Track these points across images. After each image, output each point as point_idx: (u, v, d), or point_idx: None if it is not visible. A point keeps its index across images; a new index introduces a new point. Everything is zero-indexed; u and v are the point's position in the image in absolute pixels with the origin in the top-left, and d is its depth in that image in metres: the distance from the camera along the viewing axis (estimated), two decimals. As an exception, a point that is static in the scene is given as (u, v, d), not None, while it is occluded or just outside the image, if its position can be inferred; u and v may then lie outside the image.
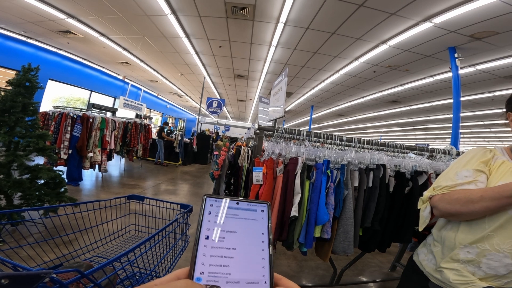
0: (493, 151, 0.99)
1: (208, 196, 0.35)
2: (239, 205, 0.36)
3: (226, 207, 0.35)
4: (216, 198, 0.35)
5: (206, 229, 0.33)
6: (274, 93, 2.42)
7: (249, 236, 0.33)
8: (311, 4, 4.29)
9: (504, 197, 0.79)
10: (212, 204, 0.35)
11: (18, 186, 2.41)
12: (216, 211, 0.34)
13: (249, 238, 0.33)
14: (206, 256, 0.30)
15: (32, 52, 8.02)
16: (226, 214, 0.35)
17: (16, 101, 2.50)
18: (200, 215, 0.33)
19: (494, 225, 0.84)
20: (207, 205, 0.34)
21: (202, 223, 0.33)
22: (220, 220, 0.34)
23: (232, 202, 0.36)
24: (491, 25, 4.12)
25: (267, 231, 0.34)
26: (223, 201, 0.36)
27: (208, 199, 0.35)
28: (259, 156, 1.81)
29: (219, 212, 0.34)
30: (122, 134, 5.72)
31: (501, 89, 6.93)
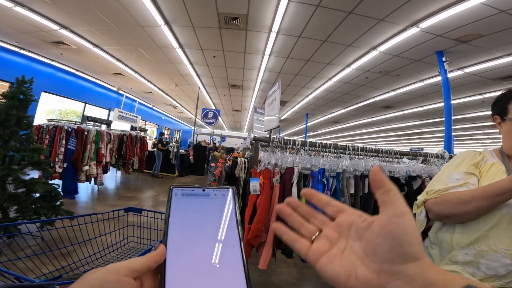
0: (482, 154, 1.02)
1: (175, 187, 0.36)
2: (205, 192, 0.36)
3: (193, 197, 0.36)
4: (183, 188, 0.36)
5: (174, 225, 0.33)
6: (269, 104, 2.45)
7: (218, 223, 0.34)
8: (302, 12, 4.40)
9: (494, 195, 0.80)
10: (177, 194, 0.36)
11: (14, 200, 2.41)
12: (183, 202, 0.35)
13: (218, 225, 0.34)
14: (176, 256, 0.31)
15: (25, 63, 7.96)
16: (193, 203, 0.35)
17: (10, 115, 2.51)
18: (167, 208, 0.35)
19: (488, 225, 0.85)
20: (173, 196, 0.36)
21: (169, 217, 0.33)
22: (188, 211, 0.35)
23: (198, 191, 0.36)
24: (476, 27, 4.26)
25: (234, 213, 0.35)
26: (189, 191, 0.36)
27: (175, 189, 0.36)
28: (255, 166, 1.85)
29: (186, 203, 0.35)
30: (117, 146, 5.69)
31: (490, 91, 7.10)
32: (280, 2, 4.11)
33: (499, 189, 0.79)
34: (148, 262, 0.28)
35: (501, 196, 0.80)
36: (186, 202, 0.35)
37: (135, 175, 7.54)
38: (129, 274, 0.26)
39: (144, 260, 0.28)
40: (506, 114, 0.97)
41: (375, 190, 0.27)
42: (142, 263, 0.28)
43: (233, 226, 0.34)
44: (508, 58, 5.11)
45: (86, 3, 4.67)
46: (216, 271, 0.30)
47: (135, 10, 4.79)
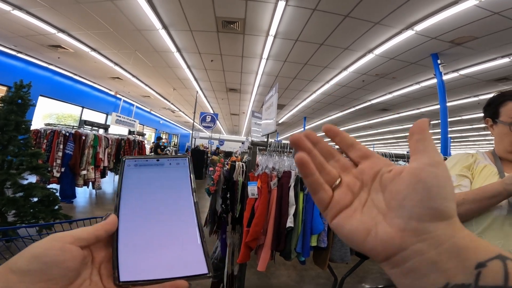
0: (475, 156, 1.04)
1: (127, 158, 0.35)
2: (159, 162, 0.35)
3: (146, 167, 0.35)
4: (136, 159, 0.35)
5: (126, 197, 0.32)
6: (266, 108, 2.48)
7: (173, 192, 0.33)
8: (299, 16, 4.44)
9: (485, 198, 0.82)
10: (129, 165, 0.35)
11: (12, 204, 2.44)
12: (135, 173, 0.34)
13: (173, 194, 0.33)
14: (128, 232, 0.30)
15: (23, 67, 7.94)
16: (147, 173, 0.34)
17: (9, 119, 2.53)
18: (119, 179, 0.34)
19: (482, 227, 0.86)
20: (125, 167, 0.34)
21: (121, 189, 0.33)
22: (142, 182, 0.34)
23: (152, 161, 0.35)
24: (470, 30, 4.33)
25: (189, 181, 0.34)
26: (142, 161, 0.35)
27: (127, 161, 0.35)
28: (253, 170, 1.88)
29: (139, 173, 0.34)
30: (115, 151, 5.68)
31: (485, 93, 7.18)
32: (277, 6, 4.15)
33: (490, 192, 0.81)
34: (96, 231, 0.27)
35: (492, 199, 0.81)
36: (140, 172, 0.34)
37: (133, 179, 7.49)
38: (74, 242, 0.25)
39: (92, 229, 0.27)
40: (498, 117, 0.99)
41: (411, 136, 0.23)
42: (89, 231, 0.27)
43: (187, 194, 0.33)
44: (502, 60, 5.18)
45: (84, 7, 4.68)
46: (171, 241, 0.29)
47: (133, 14, 4.82)
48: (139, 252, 0.28)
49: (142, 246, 0.28)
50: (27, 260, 0.23)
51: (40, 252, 0.23)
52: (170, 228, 0.30)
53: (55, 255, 0.23)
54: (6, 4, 4.82)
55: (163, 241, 0.29)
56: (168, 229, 0.30)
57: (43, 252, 0.23)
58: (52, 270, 0.23)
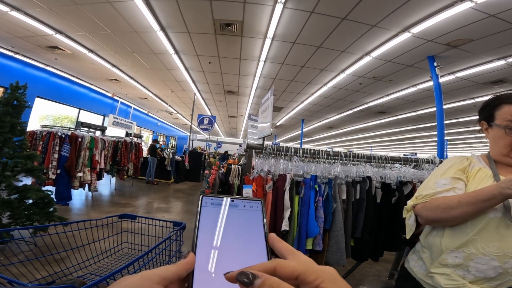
0: (469, 159, 1.05)
1: (205, 196, 0.36)
2: (234, 203, 0.37)
3: (224, 207, 0.36)
4: (212, 197, 0.36)
5: (203, 233, 0.33)
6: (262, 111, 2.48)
7: (246, 235, 0.34)
8: (296, 19, 4.46)
9: (480, 201, 0.82)
10: (206, 203, 0.36)
11: (7, 206, 2.43)
12: (212, 213, 0.35)
13: (247, 237, 0.34)
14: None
15: (20, 68, 7.90)
16: (223, 214, 0.35)
17: (4, 121, 2.52)
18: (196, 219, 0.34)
19: (476, 229, 0.86)
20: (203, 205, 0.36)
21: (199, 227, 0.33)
22: (217, 221, 0.35)
23: (227, 200, 0.37)
24: (466, 32, 4.37)
25: (262, 225, 0.35)
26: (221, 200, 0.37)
27: (204, 198, 0.36)
28: (248, 174, 1.87)
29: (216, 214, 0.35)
30: (112, 153, 5.66)
31: (481, 95, 7.25)
32: (275, 9, 4.17)
33: (485, 195, 0.81)
34: (179, 271, 0.28)
35: (487, 202, 0.81)
36: (215, 212, 0.35)
37: (130, 182, 7.46)
38: (161, 282, 0.26)
39: (175, 268, 0.28)
40: (493, 120, 0.99)
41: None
42: (173, 271, 0.28)
43: (260, 238, 0.34)
44: (498, 62, 5.23)
45: (81, 8, 4.68)
46: None
47: (130, 16, 4.82)
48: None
49: (215, 286, 0.29)
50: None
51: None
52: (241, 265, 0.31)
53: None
54: (4, 5, 4.81)
55: (235, 284, 0.29)
56: (239, 265, 0.30)
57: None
58: None
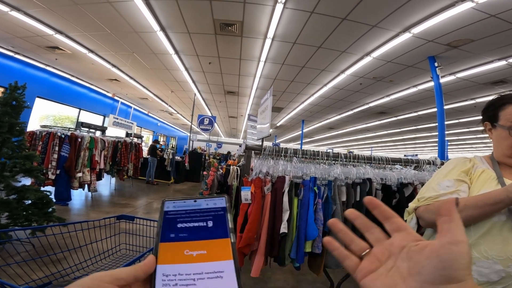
0: (472, 161, 1.02)
1: (167, 200, 0.37)
2: (196, 203, 0.37)
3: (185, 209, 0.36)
4: (174, 200, 0.37)
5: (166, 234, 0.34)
6: (261, 112, 2.47)
7: (211, 234, 0.34)
8: (296, 19, 4.45)
9: (488, 205, 0.80)
10: (168, 206, 0.36)
11: (5, 206, 2.41)
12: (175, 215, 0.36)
13: (211, 235, 0.34)
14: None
15: (20, 68, 7.91)
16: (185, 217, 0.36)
17: (2, 121, 2.52)
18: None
19: (480, 233, 0.85)
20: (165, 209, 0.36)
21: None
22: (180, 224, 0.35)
23: (189, 202, 0.37)
24: (466, 33, 4.35)
25: (226, 222, 0.35)
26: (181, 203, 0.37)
27: (167, 203, 0.36)
28: (247, 175, 1.86)
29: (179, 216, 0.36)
30: (112, 153, 5.65)
31: (482, 96, 7.23)
32: (275, 9, 4.16)
33: (493, 199, 0.79)
34: (136, 272, 0.29)
35: (494, 206, 0.80)
36: (178, 214, 0.35)
37: (130, 182, 7.45)
38: (113, 282, 0.27)
39: (132, 270, 0.29)
40: (496, 121, 0.97)
41: (438, 217, 0.28)
42: (128, 272, 0.28)
43: (225, 235, 0.34)
44: (499, 63, 5.21)
45: (81, 8, 4.68)
46: (208, 282, 0.30)
47: (130, 16, 4.81)
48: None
49: (179, 287, 0.29)
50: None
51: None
52: (208, 269, 0.31)
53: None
54: (4, 5, 4.82)
55: (199, 283, 0.30)
56: (205, 270, 0.31)
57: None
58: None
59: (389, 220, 0.31)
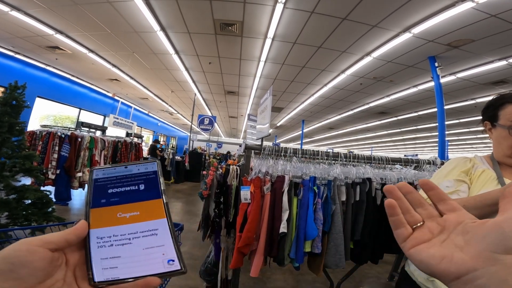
0: (473, 161, 1.01)
1: (95, 169, 0.37)
2: (127, 169, 0.37)
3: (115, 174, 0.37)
4: (104, 168, 0.37)
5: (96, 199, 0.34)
6: (261, 111, 2.46)
7: (144, 197, 0.35)
8: (297, 19, 4.45)
9: (487, 206, 0.80)
10: (98, 174, 0.36)
11: (4, 206, 2.39)
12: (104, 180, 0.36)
13: (144, 198, 0.35)
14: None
15: (20, 68, 7.91)
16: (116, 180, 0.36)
17: (2, 121, 2.51)
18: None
19: None
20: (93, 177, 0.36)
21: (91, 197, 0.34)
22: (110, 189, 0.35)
23: (120, 168, 0.37)
24: (467, 33, 4.34)
25: (158, 185, 0.36)
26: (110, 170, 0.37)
27: (95, 171, 0.37)
28: (246, 175, 1.85)
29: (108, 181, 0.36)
30: (112, 153, 5.64)
31: (482, 96, 7.22)
32: (275, 9, 4.16)
33: (492, 200, 0.79)
34: (67, 236, 0.29)
35: (494, 207, 0.78)
36: (109, 180, 0.36)
37: (130, 182, 7.45)
38: (43, 245, 0.27)
39: (62, 234, 0.29)
40: (496, 121, 0.96)
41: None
42: (58, 236, 0.29)
43: (157, 196, 0.35)
44: (500, 63, 5.21)
45: (82, 8, 4.68)
46: (143, 240, 0.31)
47: (131, 16, 4.81)
48: (112, 253, 0.30)
49: (114, 247, 0.30)
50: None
51: (8, 254, 0.25)
52: (142, 229, 0.32)
53: (23, 256, 0.25)
54: (4, 5, 4.82)
55: (135, 241, 0.31)
56: (139, 230, 0.32)
57: (11, 253, 0.25)
58: (19, 270, 0.25)
59: (444, 201, 0.31)
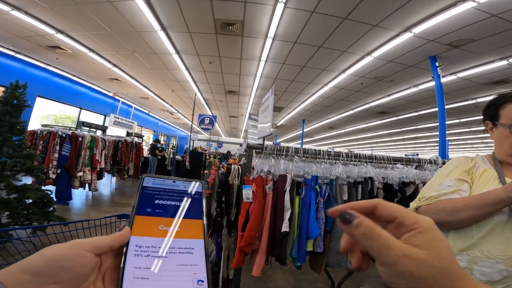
0: (474, 160, 1.02)
1: (146, 176, 0.38)
2: (175, 184, 0.38)
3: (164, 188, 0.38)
4: (154, 177, 0.38)
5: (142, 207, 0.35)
6: (262, 111, 2.46)
7: (185, 214, 0.36)
8: (297, 19, 4.45)
9: (488, 205, 0.80)
10: (147, 182, 0.37)
11: (5, 206, 2.41)
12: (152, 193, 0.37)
13: (185, 215, 0.36)
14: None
15: (21, 68, 7.92)
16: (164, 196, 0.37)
17: (3, 120, 2.52)
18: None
19: (482, 232, 0.85)
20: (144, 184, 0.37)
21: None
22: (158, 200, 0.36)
23: (168, 181, 0.38)
24: (467, 32, 4.34)
25: (201, 205, 0.37)
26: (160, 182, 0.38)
27: (146, 178, 0.38)
28: (248, 174, 1.84)
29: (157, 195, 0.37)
30: (112, 152, 5.65)
31: (483, 96, 7.22)
32: (276, 8, 4.15)
33: (493, 199, 0.80)
34: (112, 241, 0.29)
35: (495, 206, 0.80)
36: (156, 191, 0.37)
37: (131, 181, 7.47)
38: (91, 250, 0.27)
39: (108, 239, 0.29)
40: (498, 120, 0.97)
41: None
42: (106, 241, 0.28)
43: (199, 217, 0.36)
44: (500, 63, 5.20)
45: (82, 8, 4.68)
46: (179, 256, 0.31)
47: (131, 16, 4.81)
48: (146, 264, 0.30)
49: (150, 258, 0.30)
50: (43, 262, 0.24)
51: (57, 256, 0.24)
52: (180, 245, 0.32)
53: (71, 259, 0.25)
54: (5, 5, 4.82)
55: (171, 256, 0.31)
56: (177, 246, 0.32)
57: (61, 256, 0.24)
58: (63, 274, 0.24)
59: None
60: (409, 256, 0.24)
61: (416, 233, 0.25)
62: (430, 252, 0.24)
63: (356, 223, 0.25)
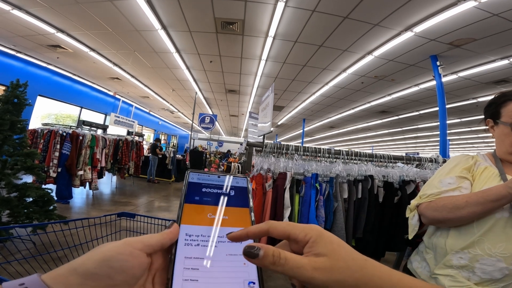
0: (475, 158, 1.02)
1: (192, 171, 0.37)
2: (220, 179, 0.38)
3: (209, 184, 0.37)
4: (199, 173, 0.37)
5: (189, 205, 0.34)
6: (262, 109, 2.46)
7: (232, 210, 0.35)
8: (298, 18, 4.44)
9: (489, 201, 0.80)
10: (193, 178, 0.37)
11: (6, 204, 2.42)
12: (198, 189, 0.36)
13: (232, 211, 0.35)
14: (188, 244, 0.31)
15: (21, 67, 7.93)
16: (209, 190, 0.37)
17: (4, 119, 2.52)
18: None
19: (483, 230, 0.84)
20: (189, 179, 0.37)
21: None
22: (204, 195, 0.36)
23: (213, 177, 0.38)
24: (469, 32, 4.33)
25: (247, 201, 0.37)
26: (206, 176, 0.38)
27: (191, 174, 0.37)
28: (248, 172, 1.85)
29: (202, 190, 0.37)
30: (113, 151, 5.66)
31: (484, 95, 7.20)
32: (277, 7, 4.15)
33: (494, 196, 0.79)
34: (163, 239, 0.28)
35: (496, 203, 0.80)
36: (201, 187, 0.36)
37: (131, 180, 7.48)
38: (143, 249, 0.26)
39: (159, 237, 0.28)
40: (499, 118, 0.97)
41: None
42: (157, 239, 0.28)
43: (246, 205, 0.35)
44: (501, 62, 5.19)
45: (83, 7, 4.68)
46: (228, 246, 0.31)
47: (132, 15, 4.81)
48: (197, 253, 0.29)
49: (200, 248, 0.30)
50: (95, 263, 0.23)
51: (110, 256, 0.23)
52: (226, 246, 0.31)
53: (124, 260, 0.24)
54: (6, 4, 4.82)
55: (220, 246, 0.30)
56: (224, 246, 0.31)
57: (113, 256, 0.23)
58: (117, 276, 0.23)
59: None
60: (318, 268, 0.24)
61: (312, 244, 0.26)
62: (332, 255, 0.25)
63: (262, 255, 0.25)
